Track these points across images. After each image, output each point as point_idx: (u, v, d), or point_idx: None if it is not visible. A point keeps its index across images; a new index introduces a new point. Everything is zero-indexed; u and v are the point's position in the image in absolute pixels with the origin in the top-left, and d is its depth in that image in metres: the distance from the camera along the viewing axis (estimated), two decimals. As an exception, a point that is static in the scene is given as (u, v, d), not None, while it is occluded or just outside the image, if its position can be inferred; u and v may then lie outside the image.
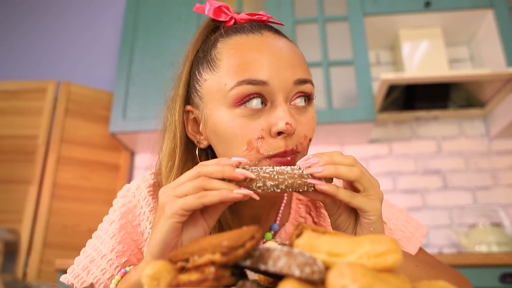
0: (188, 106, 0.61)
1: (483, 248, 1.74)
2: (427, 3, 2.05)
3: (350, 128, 2.00)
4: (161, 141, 0.65)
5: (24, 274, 1.85)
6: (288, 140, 0.53)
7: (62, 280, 0.63)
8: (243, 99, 0.53)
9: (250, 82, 0.53)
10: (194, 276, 0.32)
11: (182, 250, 0.35)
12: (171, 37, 2.14)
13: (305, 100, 0.57)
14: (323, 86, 1.98)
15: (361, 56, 2.01)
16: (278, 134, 0.53)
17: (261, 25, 0.60)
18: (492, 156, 2.13)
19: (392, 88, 1.92)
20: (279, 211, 0.67)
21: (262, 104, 0.54)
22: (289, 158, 0.54)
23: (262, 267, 0.31)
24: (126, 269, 0.58)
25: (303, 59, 0.59)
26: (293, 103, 0.56)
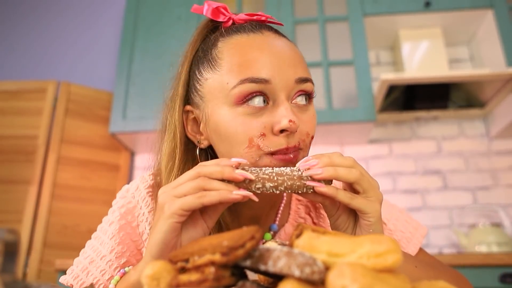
0: (188, 106, 0.61)
1: (483, 248, 1.74)
2: (427, 3, 2.05)
3: (350, 128, 2.00)
4: (160, 141, 0.64)
5: (24, 274, 1.85)
6: (290, 138, 0.53)
7: (61, 281, 0.63)
8: (245, 97, 0.53)
9: (253, 81, 0.53)
10: (194, 276, 0.32)
11: (182, 250, 0.35)
12: (171, 37, 2.14)
13: (305, 98, 0.57)
14: (323, 86, 1.98)
15: (361, 56, 2.00)
16: (281, 132, 0.53)
17: (261, 25, 0.61)
18: (492, 156, 2.13)
19: (392, 88, 1.92)
20: (279, 211, 0.67)
21: (264, 102, 0.54)
22: (291, 155, 0.53)
23: (262, 267, 0.31)
24: (125, 269, 0.58)
25: (303, 59, 0.59)
26: (294, 101, 0.56)
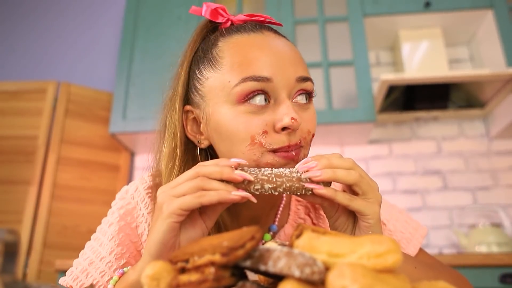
0: (188, 106, 0.61)
1: (483, 249, 1.74)
2: (427, 4, 2.05)
3: (350, 128, 2.00)
4: (159, 141, 0.64)
5: (24, 274, 1.85)
6: (292, 135, 0.53)
7: (60, 283, 0.63)
8: (247, 95, 0.53)
9: (255, 79, 0.53)
10: (194, 277, 0.32)
11: (182, 251, 0.35)
12: (171, 37, 2.14)
13: (306, 97, 0.57)
14: (323, 86, 1.98)
15: (361, 57, 2.01)
16: (283, 129, 0.53)
17: (261, 25, 0.61)
18: (492, 157, 2.13)
19: (392, 88, 1.92)
20: (278, 212, 0.67)
21: (266, 101, 0.54)
22: (293, 152, 0.54)
23: (262, 267, 0.31)
24: (124, 269, 0.58)
25: (303, 59, 0.60)
26: (295, 100, 0.56)
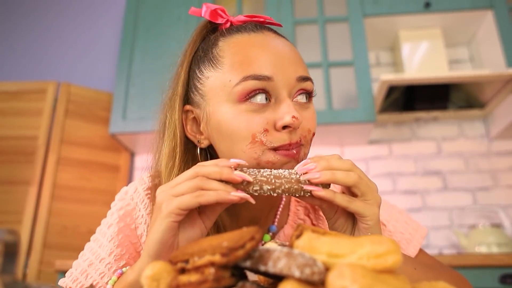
0: (187, 105, 0.61)
1: (483, 249, 1.74)
2: (427, 4, 2.05)
3: (350, 129, 2.00)
4: (158, 141, 0.64)
5: (24, 275, 1.84)
6: (292, 134, 0.54)
7: (60, 284, 0.63)
8: (248, 94, 0.54)
9: (256, 78, 0.53)
10: (194, 277, 0.32)
11: (182, 251, 0.35)
12: (171, 37, 2.14)
13: (306, 97, 0.57)
14: (323, 87, 1.98)
15: (361, 57, 2.01)
16: (284, 128, 0.53)
17: (261, 25, 0.61)
18: (492, 157, 2.13)
19: (392, 89, 1.92)
20: (278, 213, 0.67)
21: (266, 100, 0.54)
22: (294, 151, 0.54)
23: (262, 268, 0.31)
24: (123, 269, 0.58)
25: (302, 59, 0.60)
26: (295, 99, 0.56)
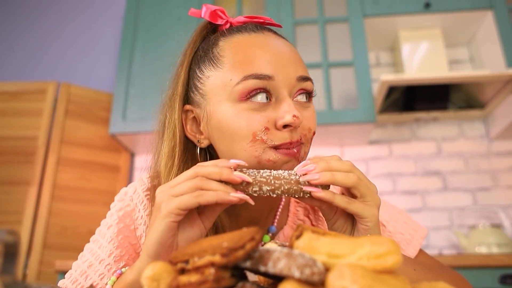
0: (187, 105, 0.61)
1: (483, 249, 1.74)
2: (427, 4, 2.05)
3: (350, 129, 2.00)
4: (157, 141, 0.64)
5: (24, 275, 1.84)
6: (293, 133, 0.54)
7: (60, 285, 0.63)
8: (249, 93, 0.54)
9: (256, 77, 0.54)
10: (194, 278, 0.32)
11: (182, 252, 0.35)
12: (171, 37, 2.14)
13: (306, 97, 0.58)
14: (323, 87, 1.98)
15: (361, 57, 2.01)
16: (284, 127, 0.53)
17: (261, 26, 0.62)
18: (492, 157, 2.13)
19: (392, 89, 1.92)
20: (277, 213, 0.67)
21: (267, 99, 0.54)
22: (295, 149, 0.54)
23: (262, 268, 0.31)
24: (122, 270, 0.58)
25: (302, 60, 0.60)
26: (295, 99, 0.57)
